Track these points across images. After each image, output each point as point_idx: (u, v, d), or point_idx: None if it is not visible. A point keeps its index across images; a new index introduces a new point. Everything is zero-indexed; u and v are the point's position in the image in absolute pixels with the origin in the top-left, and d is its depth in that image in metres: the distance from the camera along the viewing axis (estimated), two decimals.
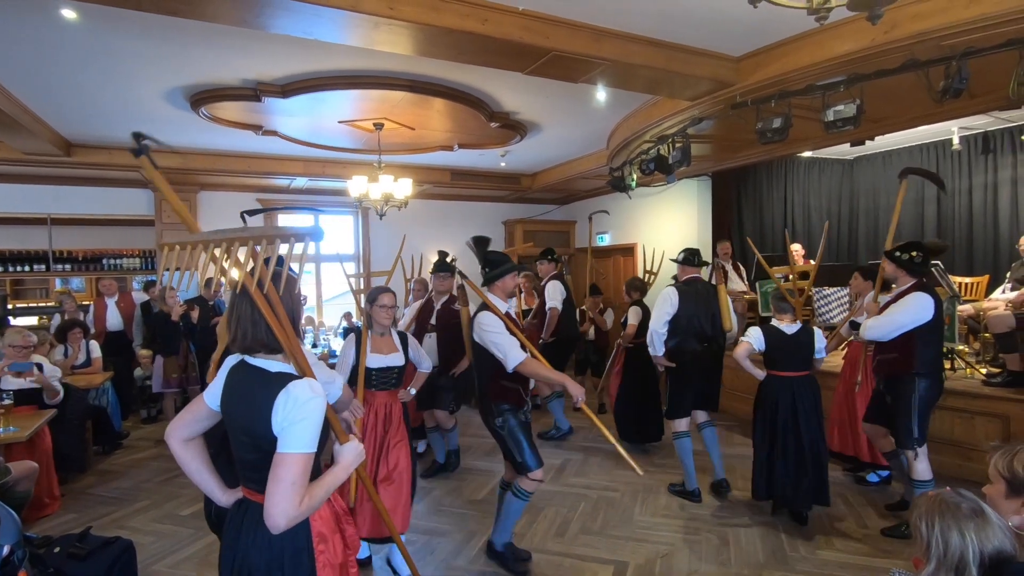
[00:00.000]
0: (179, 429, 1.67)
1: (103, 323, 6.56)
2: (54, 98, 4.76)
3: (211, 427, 1.70)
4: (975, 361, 5.08)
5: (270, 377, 1.52)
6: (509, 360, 2.93)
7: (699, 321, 4.04)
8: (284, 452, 1.43)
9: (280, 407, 1.44)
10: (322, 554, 1.58)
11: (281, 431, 1.44)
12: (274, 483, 1.41)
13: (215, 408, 1.63)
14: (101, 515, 4.07)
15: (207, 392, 1.65)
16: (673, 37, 3.70)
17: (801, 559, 3.30)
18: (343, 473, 1.60)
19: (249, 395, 1.52)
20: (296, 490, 1.42)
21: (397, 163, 7.32)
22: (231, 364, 1.62)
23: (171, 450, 1.69)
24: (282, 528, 1.43)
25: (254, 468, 1.54)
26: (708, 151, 6.22)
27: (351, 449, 1.66)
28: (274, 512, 1.40)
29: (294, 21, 3.01)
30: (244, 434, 1.53)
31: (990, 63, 3.27)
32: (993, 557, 1.39)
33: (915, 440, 3.33)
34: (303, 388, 1.47)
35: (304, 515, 1.48)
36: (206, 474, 1.70)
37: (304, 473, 1.45)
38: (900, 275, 3.48)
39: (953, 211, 7.22)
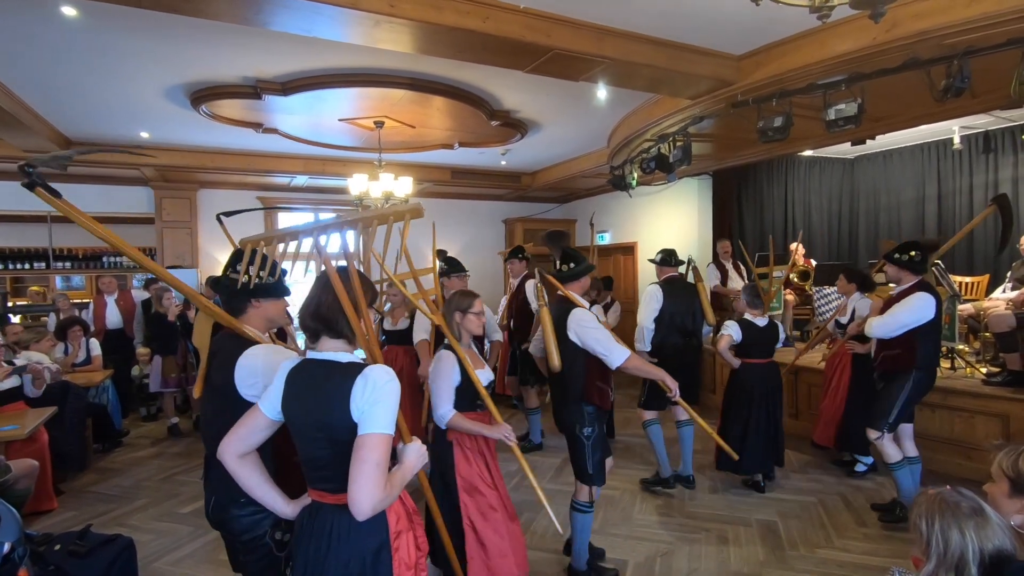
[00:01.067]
0: (233, 444, 1.60)
1: (103, 321, 6.56)
2: (54, 95, 4.76)
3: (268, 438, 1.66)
4: (975, 360, 5.08)
5: (343, 367, 1.54)
6: (614, 357, 2.81)
7: (681, 317, 4.14)
8: (367, 433, 1.44)
9: (359, 391, 1.46)
10: (398, 551, 1.56)
11: (362, 414, 1.46)
12: (359, 465, 1.42)
13: (274, 417, 1.60)
14: (101, 513, 4.07)
15: (263, 402, 1.61)
16: (674, 36, 3.69)
17: (800, 557, 3.30)
18: (408, 473, 1.61)
19: (322, 388, 1.52)
20: (380, 472, 1.42)
21: (397, 161, 7.32)
22: (289, 368, 1.60)
23: (227, 468, 1.63)
24: (367, 513, 1.41)
25: (326, 466, 1.53)
26: (709, 150, 6.22)
27: (414, 449, 1.66)
28: (359, 495, 1.40)
29: (294, 18, 3.00)
30: (318, 430, 1.52)
31: (991, 62, 3.26)
32: (993, 556, 1.39)
33: (887, 424, 3.46)
34: (380, 372, 1.50)
35: (387, 502, 1.47)
36: (267, 487, 1.66)
37: (386, 455, 1.46)
38: (903, 275, 3.58)
39: (954, 210, 7.22)
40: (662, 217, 8.32)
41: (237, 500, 1.76)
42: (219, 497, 1.84)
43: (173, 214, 7.61)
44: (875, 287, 4.65)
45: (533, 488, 2.58)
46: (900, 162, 7.70)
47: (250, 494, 1.66)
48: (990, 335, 4.80)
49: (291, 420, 1.58)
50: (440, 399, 2.57)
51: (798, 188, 8.33)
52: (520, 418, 5.91)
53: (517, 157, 7.53)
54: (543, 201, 10.29)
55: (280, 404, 1.58)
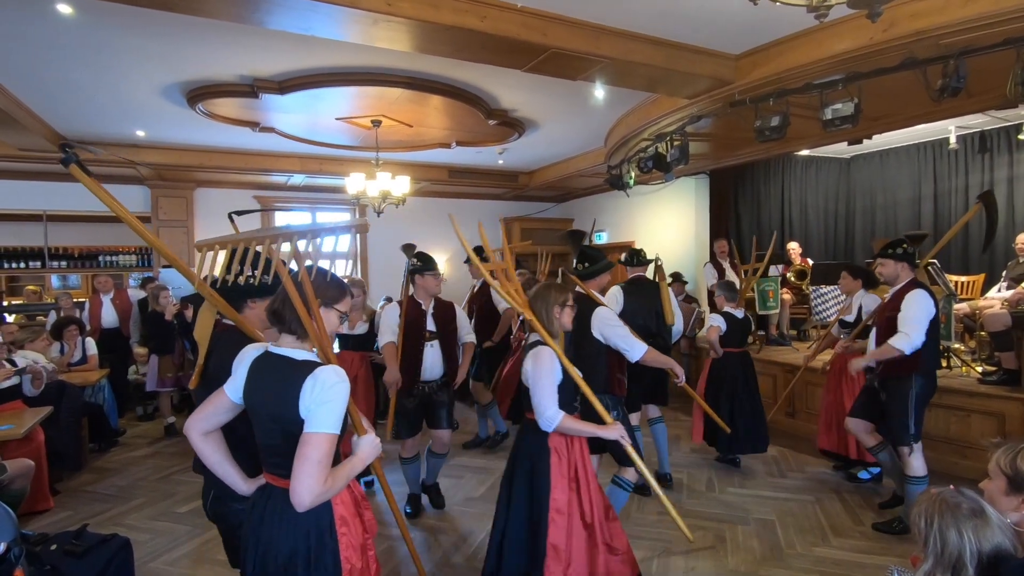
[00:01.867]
0: (199, 423, 1.72)
1: (98, 320, 6.53)
2: (49, 94, 4.74)
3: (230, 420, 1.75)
4: (971, 359, 5.10)
5: (296, 364, 1.62)
6: (635, 352, 3.01)
7: (643, 318, 4.01)
8: (311, 432, 1.52)
9: (308, 391, 1.54)
10: (344, 536, 1.65)
11: (308, 413, 1.54)
12: (301, 461, 1.50)
13: (237, 401, 1.70)
14: (97, 512, 4.05)
15: (228, 386, 1.71)
16: (672, 35, 3.69)
17: (798, 556, 3.31)
18: (360, 464, 1.69)
19: (276, 382, 1.61)
20: (321, 468, 1.51)
21: (395, 160, 7.31)
22: (253, 356, 1.70)
23: (192, 443, 1.75)
24: (307, 505, 1.51)
25: (279, 453, 1.62)
26: (706, 149, 6.23)
27: (368, 442, 1.74)
28: (300, 489, 1.49)
29: (291, 17, 2.99)
30: (271, 420, 1.61)
31: (988, 62, 3.27)
32: (991, 555, 1.40)
33: (911, 436, 3.35)
34: (329, 373, 1.57)
35: (327, 495, 1.56)
36: (227, 465, 1.77)
37: (328, 453, 1.54)
38: (902, 271, 3.50)
39: (949, 210, 7.24)
40: (659, 216, 8.33)
41: (235, 494, 1.82)
42: (218, 491, 1.89)
43: (169, 213, 7.59)
44: (879, 283, 4.54)
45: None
46: (896, 161, 7.73)
47: (211, 470, 1.77)
48: (985, 334, 4.82)
49: (249, 406, 1.68)
50: (546, 400, 2.35)
51: (795, 187, 8.35)
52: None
53: (514, 156, 7.53)
54: (540, 200, 10.29)
55: (242, 391, 1.68)
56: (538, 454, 2.42)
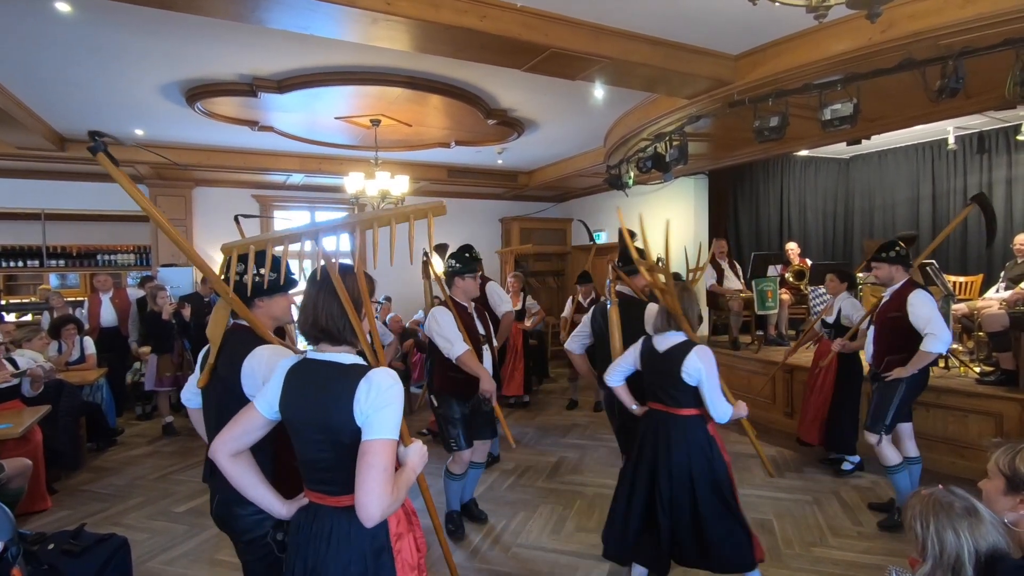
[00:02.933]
0: (227, 443, 1.58)
1: (97, 319, 6.53)
2: (48, 92, 4.73)
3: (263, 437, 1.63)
4: (969, 360, 5.11)
5: (346, 369, 1.52)
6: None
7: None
8: (372, 439, 1.42)
9: (363, 396, 1.44)
10: (399, 553, 1.55)
11: (366, 419, 1.44)
12: (366, 471, 1.40)
13: (271, 416, 1.58)
14: (95, 512, 4.05)
15: (259, 401, 1.58)
16: (671, 35, 3.69)
17: (796, 556, 3.31)
18: (412, 475, 1.58)
19: (323, 390, 1.50)
20: (388, 477, 1.41)
21: (394, 160, 7.31)
22: (288, 366, 1.58)
23: (220, 467, 1.60)
24: (377, 519, 1.40)
25: (327, 468, 1.51)
26: (705, 149, 6.23)
27: (416, 451, 1.63)
28: (367, 501, 1.38)
29: (291, 16, 2.99)
30: (318, 432, 1.49)
31: (986, 63, 3.28)
32: (987, 555, 1.40)
33: (885, 426, 3.45)
34: (384, 376, 1.48)
35: (395, 506, 1.45)
36: (261, 487, 1.63)
37: (393, 460, 1.44)
38: (896, 272, 3.57)
39: (948, 210, 7.25)
40: (658, 216, 8.33)
41: (241, 500, 1.73)
42: (224, 495, 1.83)
43: (168, 212, 7.57)
44: (858, 286, 4.74)
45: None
46: (895, 162, 7.74)
47: (243, 494, 1.64)
48: (984, 335, 4.83)
49: (290, 420, 1.55)
50: (719, 395, 2.58)
51: (794, 188, 8.36)
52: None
53: (514, 156, 7.53)
54: (540, 200, 10.29)
55: (278, 404, 1.56)
56: (708, 443, 2.64)
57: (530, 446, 5.39)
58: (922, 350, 3.34)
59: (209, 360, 1.93)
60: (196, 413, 2.11)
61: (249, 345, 1.84)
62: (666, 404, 2.68)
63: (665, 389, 2.67)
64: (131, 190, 1.80)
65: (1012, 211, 6.64)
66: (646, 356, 2.77)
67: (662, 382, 2.68)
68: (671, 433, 2.64)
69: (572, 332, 3.70)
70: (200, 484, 4.36)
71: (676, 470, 2.61)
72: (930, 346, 3.31)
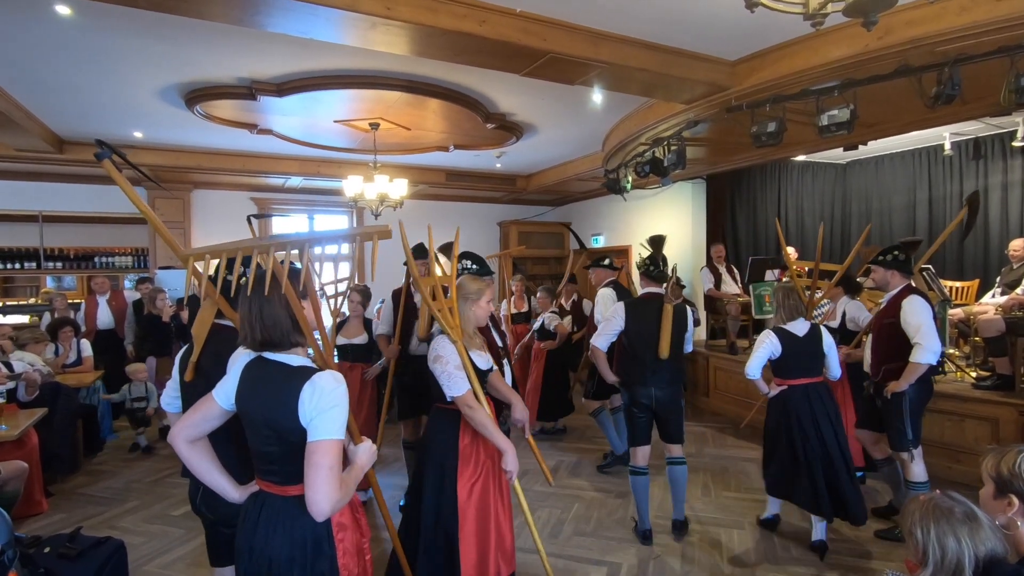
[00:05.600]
0: (185, 430, 1.66)
1: (94, 321, 6.52)
2: (47, 95, 4.73)
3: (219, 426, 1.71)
4: (965, 365, 5.13)
5: (292, 371, 1.58)
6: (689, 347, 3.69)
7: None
8: (319, 440, 1.49)
9: (307, 398, 1.50)
10: (341, 542, 1.64)
11: (311, 421, 1.50)
12: (314, 471, 1.47)
13: (227, 407, 1.66)
14: (91, 515, 4.04)
15: (217, 391, 1.66)
16: (670, 40, 3.71)
17: (793, 560, 3.32)
18: (360, 472, 1.67)
19: (271, 389, 1.57)
20: (335, 475, 1.48)
21: (392, 163, 7.32)
22: (245, 361, 1.65)
23: (177, 452, 1.68)
24: (327, 514, 1.48)
25: (275, 461, 1.59)
26: (703, 154, 6.26)
27: (364, 450, 1.74)
28: (317, 499, 1.46)
29: (290, 20, 3.00)
30: (266, 428, 1.57)
31: (982, 70, 3.30)
32: (985, 560, 1.41)
33: (910, 442, 3.33)
34: (328, 379, 1.54)
35: (344, 502, 1.52)
36: (216, 473, 1.72)
37: (339, 458, 1.51)
38: (892, 277, 3.50)
39: (944, 216, 7.29)
40: (656, 221, 8.34)
41: None
42: (207, 487, 1.85)
43: (166, 214, 7.57)
44: (861, 289, 4.61)
45: None
46: (892, 167, 7.78)
47: (200, 479, 1.73)
48: (980, 339, 4.84)
49: (243, 413, 1.63)
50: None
51: (791, 193, 8.39)
52: None
53: (512, 160, 7.55)
54: (538, 204, 10.31)
55: (234, 396, 1.63)
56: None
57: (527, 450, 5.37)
58: (911, 361, 3.25)
59: (192, 357, 1.97)
60: (175, 417, 2.17)
61: (233, 343, 1.87)
62: (813, 376, 3.39)
63: (809, 365, 3.38)
64: (133, 196, 1.87)
65: (1008, 216, 6.68)
66: (787, 341, 3.35)
67: (808, 361, 3.39)
68: (824, 400, 3.36)
69: (597, 331, 3.65)
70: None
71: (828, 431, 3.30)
72: (917, 356, 3.23)
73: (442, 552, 2.44)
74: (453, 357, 2.43)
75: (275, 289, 1.63)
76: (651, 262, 3.65)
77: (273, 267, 1.64)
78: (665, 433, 3.56)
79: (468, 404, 2.40)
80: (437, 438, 2.53)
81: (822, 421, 3.29)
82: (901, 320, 3.36)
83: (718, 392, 6.59)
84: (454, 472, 2.46)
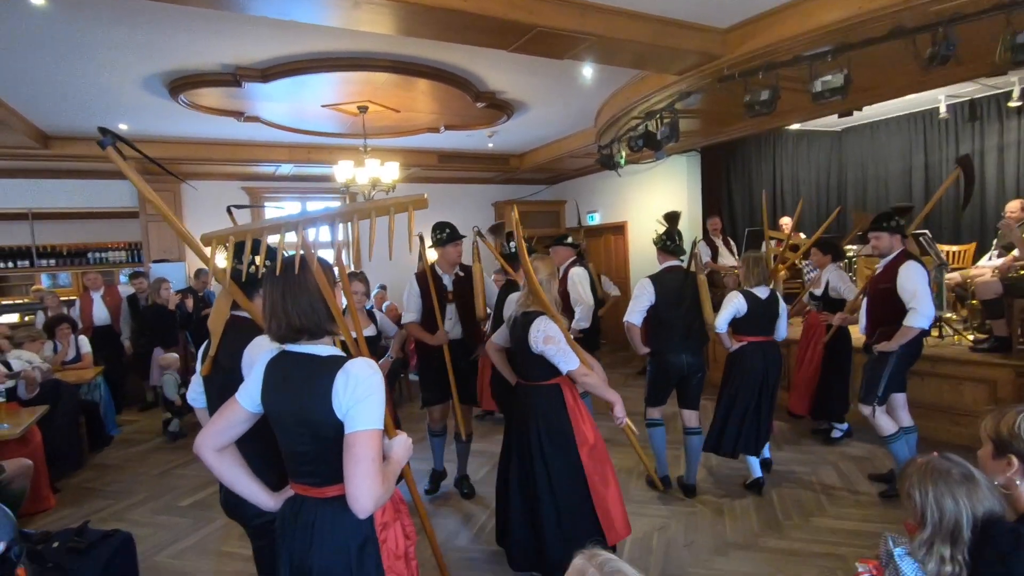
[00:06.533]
0: (211, 438, 1.56)
1: (89, 318, 6.50)
2: (26, 89, 4.64)
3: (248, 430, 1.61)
4: (963, 328, 5.15)
5: (323, 361, 1.49)
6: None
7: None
8: (357, 431, 1.40)
9: (341, 388, 1.41)
10: (385, 543, 1.54)
11: (347, 412, 1.41)
12: (354, 464, 1.38)
13: (253, 410, 1.56)
14: (99, 509, 4.07)
15: (241, 395, 1.57)
16: (658, 10, 3.64)
17: (795, 526, 3.36)
18: (397, 467, 1.57)
19: (301, 383, 1.48)
20: (377, 467, 1.40)
21: (383, 147, 7.23)
22: (268, 359, 1.56)
23: (205, 462, 1.58)
24: (370, 510, 1.39)
25: (310, 461, 1.50)
26: (696, 126, 6.19)
27: (400, 443, 1.63)
28: (359, 493, 1.37)
29: (271, 2, 2.94)
30: (300, 425, 1.48)
31: (977, 29, 3.24)
32: (983, 519, 1.42)
33: (878, 397, 3.48)
34: (362, 366, 1.45)
35: (386, 497, 1.44)
36: (247, 481, 1.63)
37: (379, 450, 1.42)
38: (895, 243, 3.59)
39: (940, 180, 7.23)
40: (652, 195, 8.30)
41: None
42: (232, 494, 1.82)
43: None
44: (844, 257, 4.78)
45: None
46: (887, 133, 7.71)
47: (230, 488, 1.64)
48: (977, 303, 4.86)
49: (271, 413, 1.54)
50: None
51: (786, 162, 8.33)
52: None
53: (504, 139, 7.46)
54: (532, 183, 10.24)
55: (259, 397, 1.54)
56: None
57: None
58: (905, 325, 3.35)
59: (211, 351, 1.92)
60: (203, 413, 2.09)
61: (250, 334, 1.83)
62: (767, 335, 3.77)
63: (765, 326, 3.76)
64: (140, 185, 1.87)
65: (1004, 178, 6.65)
66: (752, 303, 3.69)
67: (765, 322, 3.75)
68: (775, 356, 3.79)
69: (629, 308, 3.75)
70: (204, 478, 4.38)
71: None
72: (912, 320, 3.32)
73: (581, 513, 2.64)
74: (560, 334, 2.59)
75: (305, 271, 1.52)
76: (667, 237, 3.81)
77: (303, 246, 1.55)
78: (688, 398, 3.82)
79: (583, 372, 2.61)
80: (550, 414, 2.68)
81: (770, 373, 3.76)
82: (898, 286, 3.42)
83: (717, 364, 6.59)
84: (573, 440, 2.65)
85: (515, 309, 2.78)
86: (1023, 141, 6.54)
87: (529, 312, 2.67)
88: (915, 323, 3.32)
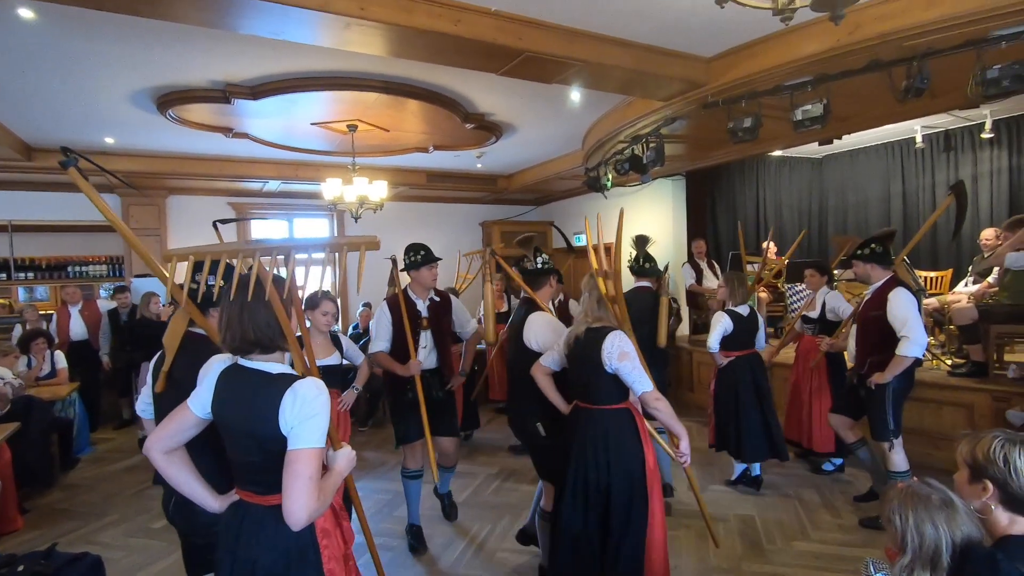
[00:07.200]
0: (161, 441, 1.63)
1: (66, 333, 6.36)
2: (13, 102, 4.60)
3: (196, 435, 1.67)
4: (940, 353, 5.23)
5: (273, 378, 1.56)
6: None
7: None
8: (299, 448, 1.47)
9: (288, 406, 1.48)
10: (326, 548, 1.62)
11: (291, 429, 1.48)
12: (292, 479, 1.45)
13: (203, 416, 1.62)
14: (68, 531, 3.94)
15: (192, 400, 1.63)
16: (645, 38, 3.73)
17: (778, 551, 3.35)
18: (339, 478, 1.65)
19: (251, 397, 1.54)
20: (314, 484, 1.47)
21: (372, 165, 7.25)
22: (221, 369, 1.62)
23: (154, 464, 1.65)
24: (303, 523, 1.46)
25: (256, 470, 1.57)
26: (682, 151, 6.30)
27: (344, 455, 1.70)
28: (294, 508, 1.44)
29: (262, 21, 2.95)
30: (247, 437, 1.54)
31: (950, 64, 3.36)
32: (962, 544, 1.43)
33: (891, 432, 3.38)
34: (309, 386, 1.51)
35: (321, 511, 1.51)
36: (194, 483, 1.69)
37: (319, 468, 1.50)
38: (873, 271, 3.54)
39: (917, 207, 7.45)
40: (638, 218, 8.38)
41: None
42: (180, 496, 1.83)
43: (141, 222, 7.42)
44: (833, 280, 4.83)
45: None
46: (866, 161, 7.92)
47: (177, 489, 1.70)
48: (954, 328, 4.94)
49: (220, 422, 1.60)
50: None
51: (769, 188, 8.50)
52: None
53: (493, 160, 7.53)
54: (520, 204, 10.31)
55: (210, 405, 1.60)
56: None
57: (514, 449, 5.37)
58: (898, 354, 3.29)
59: (164, 368, 1.95)
60: (150, 424, 2.14)
61: (207, 352, 1.85)
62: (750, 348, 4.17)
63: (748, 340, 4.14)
64: (100, 204, 1.89)
65: (978, 207, 6.84)
66: (736, 321, 4.06)
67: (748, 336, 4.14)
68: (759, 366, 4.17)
69: None
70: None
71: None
72: (905, 350, 3.27)
73: (641, 537, 2.43)
74: (635, 351, 2.43)
75: (260, 294, 1.60)
76: (634, 260, 4.04)
77: (259, 271, 1.62)
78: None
79: (656, 396, 2.41)
80: (624, 442, 2.45)
81: (760, 380, 4.14)
82: (888, 313, 3.37)
83: (702, 386, 6.63)
84: (645, 474, 2.44)
85: (574, 327, 2.57)
86: (996, 171, 6.75)
87: (598, 328, 2.45)
88: (908, 352, 3.27)
